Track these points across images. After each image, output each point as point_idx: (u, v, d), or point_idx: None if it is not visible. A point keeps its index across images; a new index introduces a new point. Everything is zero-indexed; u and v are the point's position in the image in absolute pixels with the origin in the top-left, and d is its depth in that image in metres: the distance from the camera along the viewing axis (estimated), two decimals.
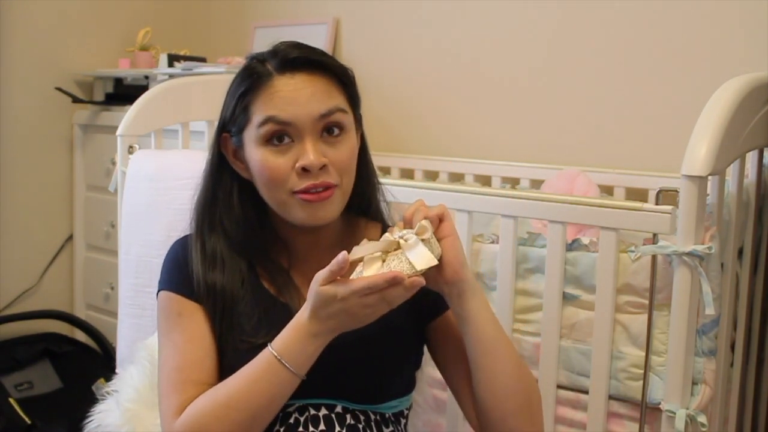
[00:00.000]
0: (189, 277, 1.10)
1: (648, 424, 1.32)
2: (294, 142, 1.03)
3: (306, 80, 1.04)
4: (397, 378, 1.12)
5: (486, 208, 1.47)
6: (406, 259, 0.94)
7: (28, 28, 2.54)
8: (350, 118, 1.08)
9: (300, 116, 1.02)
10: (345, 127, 1.06)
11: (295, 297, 1.10)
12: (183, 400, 1.01)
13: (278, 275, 1.12)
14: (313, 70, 1.05)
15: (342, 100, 1.06)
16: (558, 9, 2.13)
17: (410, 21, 2.42)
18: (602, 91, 2.07)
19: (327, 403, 1.05)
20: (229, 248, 1.11)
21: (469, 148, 2.31)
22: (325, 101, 1.04)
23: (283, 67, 1.05)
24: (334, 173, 1.04)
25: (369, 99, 1.20)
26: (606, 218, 1.30)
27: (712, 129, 1.21)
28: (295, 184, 1.03)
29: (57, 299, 2.69)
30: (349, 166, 1.07)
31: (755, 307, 1.60)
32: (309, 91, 1.03)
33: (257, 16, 2.79)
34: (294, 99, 1.03)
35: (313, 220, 1.05)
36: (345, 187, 1.07)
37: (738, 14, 1.85)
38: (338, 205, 1.06)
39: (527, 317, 1.45)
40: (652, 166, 1.96)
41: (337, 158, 1.04)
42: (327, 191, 1.03)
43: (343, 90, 1.08)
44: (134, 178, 1.69)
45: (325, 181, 1.03)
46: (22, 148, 2.56)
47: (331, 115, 1.04)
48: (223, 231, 1.12)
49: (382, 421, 1.08)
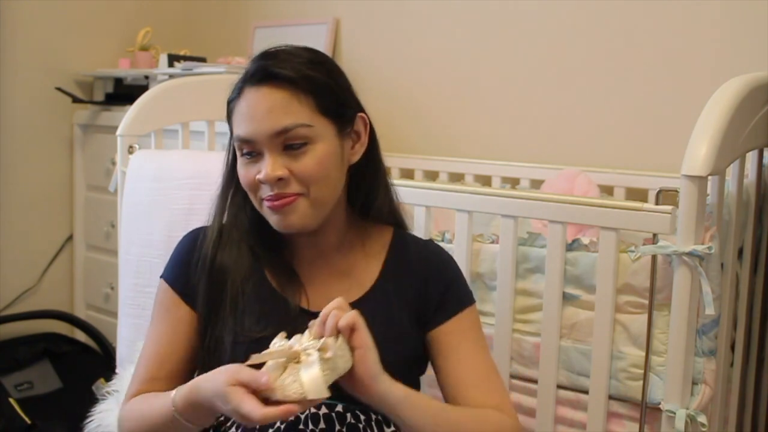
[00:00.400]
0: (187, 274, 1.14)
1: (648, 424, 1.32)
2: (260, 155, 1.05)
3: (267, 94, 1.04)
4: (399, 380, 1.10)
5: (486, 208, 1.47)
6: (300, 379, 0.90)
7: (29, 28, 2.54)
8: (318, 129, 1.05)
9: (257, 133, 1.04)
10: (310, 139, 1.04)
11: (297, 294, 1.12)
12: (137, 390, 1.11)
13: (283, 272, 1.13)
14: (277, 82, 1.04)
15: (306, 114, 1.04)
16: (558, 9, 2.13)
17: (410, 21, 2.42)
18: (602, 91, 2.07)
19: (328, 402, 1.05)
20: (240, 240, 1.14)
21: (469, 148, 2.31)
22: (281, 118, 1.03)
23: (252, 78, 1.06)
24: (295, 184, 1.04)
25: (369, 99, 1.19)
26: (606, 218, 1.30)
27: (712, 129, 1.21)
28: (262, 194, 1.07)
29: (57, 299, 2.69)
30: (316, 175, 1.05)
31: (755, 307, 1.60)
32: (266, 106, 1.03)
33: (257, 16, 2.79)
34: (252, 116, 1.04)
35: (283, 227, 1.07)
36: (314, 195, 1.05)
37: (738, 14, 1.85)
38: (306, 213, 1.06)
39: (527, 317, 1.45)
40: (652, 166, 1.96)
41: (299, 170, 1.04)
42: (287, 198, 1.04)
43: (312, 101, 1.05)
44: (134, 178, 1.69)
45: (281, 192, 1.04)
46: (22, 148, 2.56)
47: (288, 132, 1.03)
48: (237, 225, 1.15)
49: (383, 420, 1.08)
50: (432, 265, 1.17)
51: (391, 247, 1.18)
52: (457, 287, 1.17)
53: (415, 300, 1.14)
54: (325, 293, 1.12)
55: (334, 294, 1.11)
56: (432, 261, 1.18)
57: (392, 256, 1.17)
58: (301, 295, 1.12)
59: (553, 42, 2.15)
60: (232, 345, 1.08)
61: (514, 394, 1.46)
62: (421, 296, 1.14)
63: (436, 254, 1.20)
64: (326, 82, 1.07)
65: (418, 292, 1.14)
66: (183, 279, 1.15)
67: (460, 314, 1.15)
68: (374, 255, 1.17)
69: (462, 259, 1.47)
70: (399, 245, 1.19)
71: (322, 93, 1.06)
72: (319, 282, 1.14)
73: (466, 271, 1.47)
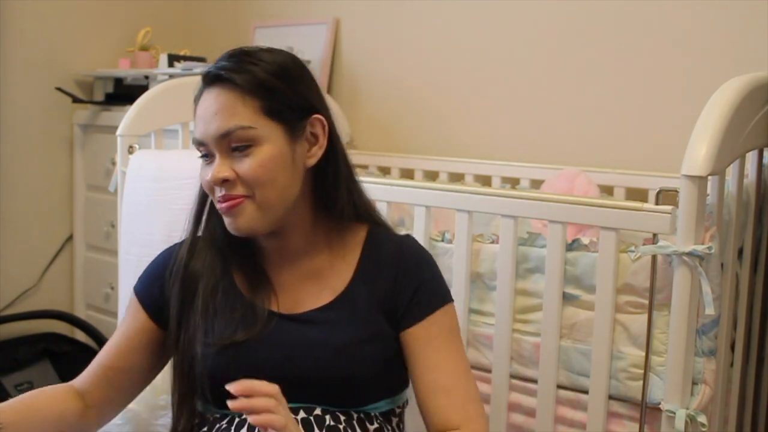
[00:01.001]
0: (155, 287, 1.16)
1: (648, 424, 1.32)
2: (213, 156, 1.06)
3: (216, 96, 1.05)
4: (378, 382, 1.10)
5: (486, 208, 1.47)
6: None
7: (29, 28, 2.54)
8: (262, 131, 1.04)
9: (206, 136, 1.05)
10: (254, 141, 1.04)
11: (266, 297, 1.12)
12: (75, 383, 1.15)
13: (253, 276, 1.14)
14: (224, 85, 1.05)
15: (249, 116, 1.04)
16: (558, 9, 2.13)
17: (410, 21, 2.42)
18: (602, 92, 2.07)
19: (306, 406, 1.05)
20: (211, 246, 1.14)
21: (469, 148, 2.31)
22: (226, 120, 1.03)
23: (204, 82, 1.08)
24: (241, 186, 1.04)
25: (369, 99, 1.19)
26: (606, 218, 1.30)
27: (712, 129, 1.21)
28: (215, 195, 1.08)
29: (57, 299, 2.68)
30: (260, 178, 1.04)
31: (755, 307, 1.60)
32: (213, 109, 1.05)
33: (257, 16, 2.79)
34: (203, 117, 1.06)
35: (233, 230, 1.07)
36: (260, 197, 1.05)
37: (738, 14, 1.85)
38: (253, 216, 1.05)
39: (527, 317, 1.45)
40: (652, 166, 1.96)
41: (243, 172, 1.04)
42: (233, 200, 1.05)
43: (257, 103, 1.04)
44: (134, 178, 1.69)
45: (227, 194, 1.05)
46: (22, 148, 2.56)
47: (230, 135, 1.03)
48: (210, 232, 1.15)
49: (366, 418, 1.07)
50: (403, 265, 1.14)
51: (365, 246, 1.16)
52: (428, 288, 1.14)
53: (390, 299, 1.12)
54: (295, 297, 1.12)
55: (305, 297, 1.12)
56: (404, 260, 1.15)
57: (366, 255, 1.15)
58: (270, 298, 1.12)
59: (553, 42, 2.15)
60: (204, 350, 1.08)
61: (514, 394, 1.46)
62: (391, 296, 1.12)
63: (409, 253, 1.16)
64: (274, 84, 1.06)
65: (389, 291, 1.12)
66: (149, 291, 1.17)
67: (429, 317, 1.12)
68: (346, 256, 1.15)
69: (462, 259, 1.47)
70: (373, 244, 1.17)
71: (268, 95, 1.05)
72: (289, 285, 1.13)
73: (466, 271, 1.47)
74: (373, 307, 1.11)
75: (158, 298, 1.15)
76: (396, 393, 1.14)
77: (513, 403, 1.46)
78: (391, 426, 1.11)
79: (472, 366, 1.49)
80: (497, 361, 1.45)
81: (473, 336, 1.50)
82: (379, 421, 1.09)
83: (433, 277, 1.17)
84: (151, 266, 1.21)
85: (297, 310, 1.11)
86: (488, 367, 1.47)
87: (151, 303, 1.16)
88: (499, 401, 1.45)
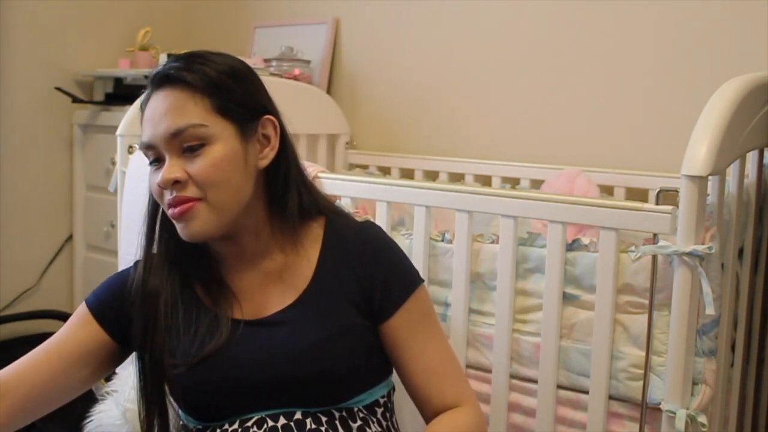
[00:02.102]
0: (111, 302, 1.12)
1: (648, 424, 1.32)
2: (163, 160, 1.04)
3: (164, 97, 1.03)
4: (355, 375, 1.09)
5: (486, 208, 1.47)
6: None
7: (29, 28, 2.54)
8: (214, 129, 1.03)
9: (155, 137, 1.03)
10: (206, 140, 1.02)
11: (228, 306, 1.10)
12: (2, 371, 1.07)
13: (213, 285, 1.12)
14: (173, 84, 1.03)
15: (200, 114, 1.02)
16: (558, 9, 2.13)
17: (410, 21, 2.42)
18: (602, 92, 2.07)
19: (285, 412, 1.04)
20: (166, 261, 1.12)
21: (469, 148, 2.31)
22: (176, 119, 1.02)
23: (152, 83, 1.06)
24: (193, 188, 1.02)
25: (369, 99, 1.19)
26: (606, 218, 1.30)
27: (713, 129, 1.21)
28: (165, 200, 1.05)
29: (57, 299, 2.68)
30: (213, 178, 1.02)
31: (755, 307, 1.60)
32: (162, 109, 1.03)
33: (257, 16, 2.79)
34: (151, 119, 1.04)
35: (186, 235, 1.04)
36: (212, 199, 1.02)
37: (738, 14, 1.85)
38: (206, 220, 1.03)
39: (527, 317, 1.45)
40: (652, 166, 1.96)
41: (195, 172, 1.02)
42: (185, 204, 1.02)
43: (209, 101, 1.03)
44: (134, 178, 1.69)
45: (179, 196, 1.02)
46: (22, 148, 2.56)
47: (182, 134, 1.01)
48: (163, 247, 1.13)
49: (348, 416, 1.06)
50: (367, 256, 1.12)
51: (324, 241, 1.14)
52: (397, 275, 1.13)
53: (359, 291, 1.10)
54: (259, 301, 1.11)
55: (268, 300, 1.11)
56: (367, 250, 1.13)
57: (327, 250, 1.13)
58: (233, 306, 1.10)
59: (553, 42, 2.15)
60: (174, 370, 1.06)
61: (514, 394, 1.46)
62: (361, 288, 1.11)
63: (371, 241, 1.15)
64: (224, 83, 1.05)
65: (360, 282, 1.11)
66: (105, 305, 1.12)
67: (407, 303, 1.12)
68: (306, 253, 1.13)
69: (462, 259, 1.47)
70: (332, 237, 1.15)
71: (219, 93, 1.04)
72: (251, 290, 1.12)
73: (466, 271, 1.47)
74: (341, 301, 1.10)
75: (115, 314, 1.12)
76: (377, 383, 1.12)
77: (513, 403, 1.46)
78: (375, 418, 1.10)
79: (472, 366, 1.50)
80: (497, 361, 1.45)
81: (473, 336, 1.50)
82: (362, 416, 1.08)
83: (399, 262, 1.16)
84: (107, 283, 1.17)
85: (262, 314, 1.10)
86: (488, 367, 1.47)
87: (106, 316, 1.11)
88: (499, 401, 1.45)
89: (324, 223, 1.16)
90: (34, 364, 1.09)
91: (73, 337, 1.11)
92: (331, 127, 2.43)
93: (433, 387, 1.11)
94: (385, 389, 1.14)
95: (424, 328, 1.13)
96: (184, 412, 1.10)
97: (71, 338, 1.11)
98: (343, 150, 2.48)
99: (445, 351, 1.15)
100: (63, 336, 1.11)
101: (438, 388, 1.11)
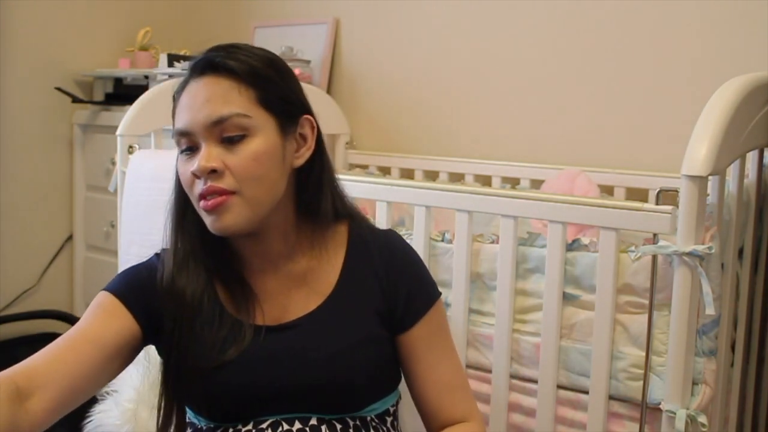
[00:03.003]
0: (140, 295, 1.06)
1: (648, 424, 1.32)
2: (197, 149, 1.01)
3: (207, 84, 1.00)
4: (373, 384, 1.08)
5: (486, 208, 1.47)
6: None
7: (28, 28, 2.54)
8: (256, 121, 1.00)
9: (193, 123, 1.00)
10: (248, 131, 1.00)
11: (251, 310, 1.07)
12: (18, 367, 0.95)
13: (236, 287, 1.09)
14: (218, 72, 1.00)
15: (245, 104, 1.00)
16: (558, 9, 2.13)
17: (410, 21, 2.42)
18: (602, 92, 2.07)
19: (301, 417, 1.03)
20: (193, 256, 1.08)
21: (469, 148, 2.31)
22: (219, 107, 0.99)
23: (193, 70, 1.03)
24: (230, 179, 0.99)
25: (369, 99, 1.18)
26: (606, 218, 1.30)
27: (713, 129, 1.21)
28: (197, 190, 1.01)
29: (57, 299, 2.68)
30: (251, 171, 0.99)
31: (755, 307, 1.60)
32: (204, 96, 1.00)
33: (257, 16, 2.79)
34: (191, 105, 1.01)
35: (217, 228, 1.01)
36: (247, 193, 0.99)
37: (738, 14, 1.85)
38: (240, 214, 1.00)
39: (527, 317, 1.45)
40: (652, 166, 1.96)
41: (234, 164, 0.99)
42: (219, 197, 0.98)
43: (253, 92, 1.01)
44: (134, 178, 1.69)
45: (214, 186, 0.98)
46: (22, 148, 2.56)
47: (224, 122, 0.98)
48: (189, 244, 1.09)
49: (362, 425, 1.05)
50: (393, 265, 1.11)
51: (349, 246, 1.13)
52: (420, 287, 1.13)
53: (383, 300, 1.09)
54: (281, 305, 1.08)
55: (291, 304, 1.08)
56: (393, 260, 1.12)
57: (351, 255, 1.12)
58: (255, 310, 1.07)
59: (553, 42, 2.15)
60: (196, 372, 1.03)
61: (514, 394, 1.46)
62: (389, 297, 1.10)
63: (398, 248, 1.14)
64: (270, 75, 1.03)
65: (385, 292, 1.10)
66: (135, 294, 1.06)
67: (427, 314, 1.11)
68: (330, 258, 1.11)
69: (462, 259, 1.47)
70: (357, 243, 1.13)
71: (265, 85, 1.02)
72: (274, 293, 1.09)
73: (466, 271, 1.47)
74: (364, 309, 1.09)
75: (144, 305, 1.06)
76: (389, 392, 1.12)
77: (513, 403, 1.46)
78: (386, 427, 1.10)
79: (472, 366, 1.50)
80: (497, 361, 1.45)
81: (473, 336, 1.50)
82: (374, 424, 1.07)
83: (423, 274, 1.15)
84: (131, 274, 1.11)
85: (284, 319, 1.08)
86: (488, 367, 1.47)
87: (136, 307, 1.05)
88: (499, 401, 1.45)
89: (348, 227, 1.15)
90: (72, 355, 0.99)
91: (108, 327, 1.02)
92: (331, 127, 2.43)
93: (444, 400, 1.10)
94: (395, 398, 1.14)
95: (441, 341, 1.13)
96: (195, 412, 1.09)
97: (107, 328, 1.02)
98: (343, 150, 2.48)
99: (458, 365, 1.15)
100: (96, 327, 1.02)
101: (450, 402, 1.10)
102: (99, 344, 1.00)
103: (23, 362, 0.97)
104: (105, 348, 1.01)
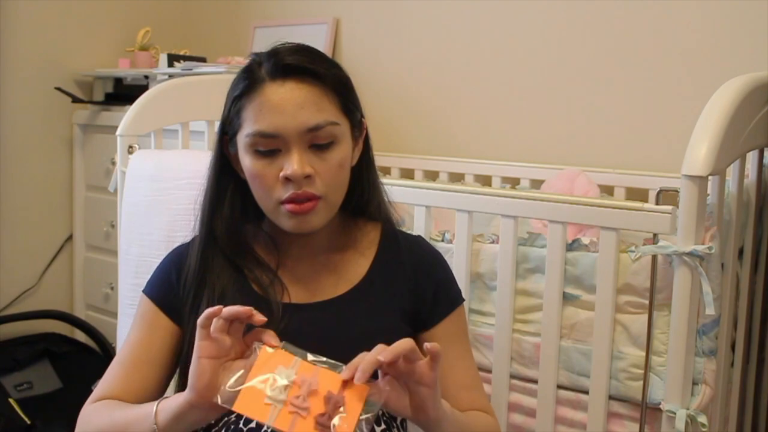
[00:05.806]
0: (170, 291, 1.12)
1: (648, 424, 1.32)
2: (281, 152, 1.02)
3: (296, 89, 1.01)
4: None
5: (486, 208, 1.47)
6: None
7: (29, 28, 2.54)
8: (342, 128, 1.04)
9: (286, 128, 1.01)
10: (336, 139, 1.03)
11: (280, 295, 1.10)
12: (103, 392, 1.08)
13: (264, 274, 1.11)
14: (305, 78, 1.02)
15: (334, 112, 1.03)
16: (558, 9, 2.13)
17: (410, 21, 2.42)
18: (602, 92, 2.07)
19: None
20: (222, 248, 1.11)
21: (469, 148, 2.31)
22: (314, 114, 1.01)
23: (274, 72, 1.03)
24: (319, 184, 1.02)
25: (369, 99, 1.18)
26: (606, 218, 1.30)
27: (713, 129, 1.21)
28: (281, 194, 1.03)
29: (57, 299, 2.68)
30: (337, 178, 1.04)
31: (755, 307, 1.60)
32: (297, 101, 1.01)
33: (257, 16, 2.79)
34: (281, 109, 1.01)
35: (300, 230, 1.05)
36: (331, 198, 1.05)
37: (738, 14, 1.85)
38: (324, 216, 1.05)
39: (527, 317, 1.45)
40: (652, 166, 1.96)
41: (324, 170, 1.02)
42: (310, 202, 1.02)
43: (338, 99, 1.04)
44: (134, 178, 1.69)
45: (308, 192, 1.01)
46: (22, 148, 2.56)
47: (320, 130, 1.01)
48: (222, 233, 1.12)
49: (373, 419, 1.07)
50: (422, 266, 1.16)
51: (381, 243, 1.17)
52: (449, 286, 1.18)
53: (408, 298, 1.13)
54: (310, 287, 1.12)
55: (320, 288, 1.12)
56: (424, 259, 1.17)
57: (382, 252, 1.16)
58: (283, 293, 1.10)
59: (553, 42, 2.15)
60: None
61: (514, 394, 1.46)
62: (415, 294, 1.13)
63: (427, 252, 1.19)
64: (348, 82, 1.07)
65: (411, 290, 1.13)
66: (164, 294, 1.13)
67: (452, 314, 1.15)
68: (363, 252, 1.15)
69: (462, 259, 1.47)
70: (389, 242, 1.17)
71: (346, 93, 1.06)
72: (304, 278, 1.12)
73: (466, 271, 1.47)
74: (390, 302, 1.12)
75: (173, 300, 1.12)
76: None
77: (513, 403, 1.46)
78: (396, 423, 1.10)
79: None
80: (497, 361, 1.45)
81: (473, 336, 1.50)
82: (385, 419, 1.08)
83: (450, 277, 1.20)
84: (161, 269, 1.17)
85: (312, 300, 1.11)
86: (488, 367, 1.47)
87: (169, 306, 1.12)
88: (499, 401, 1.45)
89: (380, 228, 1.19)
90: (138, 376, 1.09)
91: (155, 341, 1.11)
92: None
93: (463, 398, 1.11)
94: None
95: (462, 343, 1.16)
96: None
97: (153, 343, 1.10)
98: None
99: (475, 368, 1.18)
100: (146, 343, 1.11)
101: (467, 400, 1.12)
102: (155, 363, 1.10)
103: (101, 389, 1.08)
104: (161, 364, 1.10)
